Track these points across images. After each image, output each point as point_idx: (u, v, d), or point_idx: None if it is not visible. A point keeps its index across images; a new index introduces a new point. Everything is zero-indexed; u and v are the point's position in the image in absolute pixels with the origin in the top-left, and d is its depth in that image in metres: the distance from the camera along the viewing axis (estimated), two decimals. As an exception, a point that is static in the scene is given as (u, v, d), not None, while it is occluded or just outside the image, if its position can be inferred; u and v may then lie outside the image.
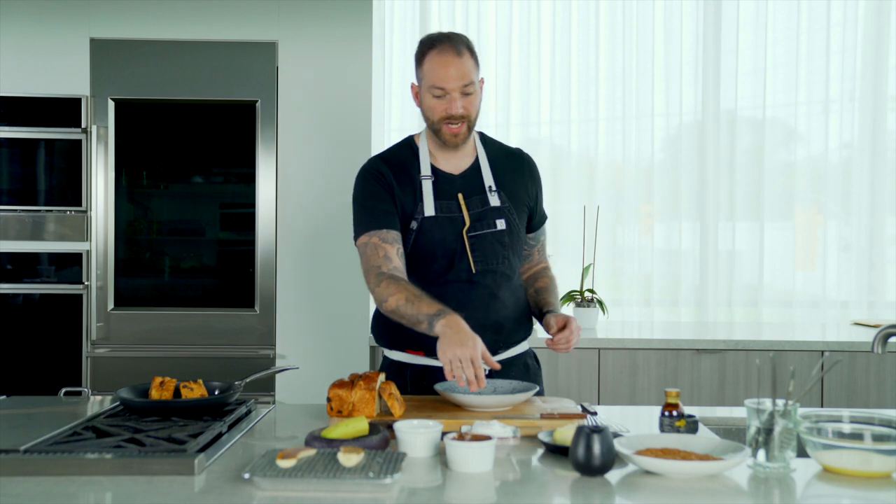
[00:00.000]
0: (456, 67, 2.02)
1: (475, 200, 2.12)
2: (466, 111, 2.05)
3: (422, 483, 1.49)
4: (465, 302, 2.06)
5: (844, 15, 4.23)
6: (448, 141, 2.08)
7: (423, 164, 2.13)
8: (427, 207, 2.08)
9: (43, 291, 3.55)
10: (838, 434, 1.63)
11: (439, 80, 2.03)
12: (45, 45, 3.54)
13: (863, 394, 3.48)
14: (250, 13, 3.58)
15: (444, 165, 2.15)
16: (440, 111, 2.05)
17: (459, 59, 2.03)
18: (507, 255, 2.13)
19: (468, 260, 2.08)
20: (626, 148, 4.29)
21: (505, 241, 2.12)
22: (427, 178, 2.11)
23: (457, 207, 2.10)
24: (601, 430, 1.51)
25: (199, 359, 3.52)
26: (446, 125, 2.06)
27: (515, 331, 2.17)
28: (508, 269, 2.14)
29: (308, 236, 3.59)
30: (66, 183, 3.55)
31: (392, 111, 4.29)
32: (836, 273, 4.29)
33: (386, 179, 2.12)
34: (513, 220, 2.14)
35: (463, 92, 2.03)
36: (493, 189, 2.13)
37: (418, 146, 2.17)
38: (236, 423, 1.87)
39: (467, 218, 2.09)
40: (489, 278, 2.10)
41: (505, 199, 2.14)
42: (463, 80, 2.03)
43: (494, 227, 2.10)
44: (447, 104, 2.04)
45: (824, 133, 4.27)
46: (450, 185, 2.12)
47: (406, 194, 2.10)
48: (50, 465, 1.50)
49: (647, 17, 4.27)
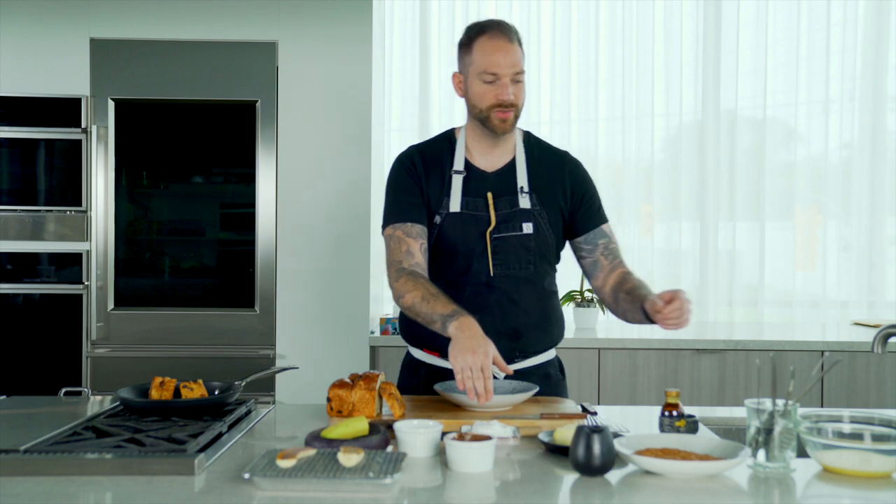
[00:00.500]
0: (508, 53, 1.98)
1: (504, 201, 2.06)
2: (517, 100, 2.01)
3: (422, 483, 1.49)
4: (483, 305, 2.02)
5: (844, 15, 4.23)
6: (497, 128, 2.01)
7: (457, 158, 2.08)
8: (453, 203, 2.04)
9: (43, 291, 3.55)
10: (838, 434, 1.63)
11: (491, 65, 1.98)
12: (45, 45, 3.54)
13: (863, 394, 3.48)
14: (250, 13, 3.58)
15: (480, 161, 2.09)
16: (490, 98, 2.00)
17: (511, 45, 1.99)
18: (533, 260, 2.05)
19: (488, 261, 2.03)
20: (625, 148, 4.29)
21: (530, 246, 2.05)
22: (458, 173, 2.06)
23: (484, 206, 2.05)
24: (601, 430, 1.51)
25: (199, 359, 3.52)
26: (497, 111, 2.00)
27: (537, 340, 2.10)
28: (533, 275, 2.06)
29: (308, 236, 3.59)
30: (66, 183, 3.55)
31: (392, 111, 4.29)
32: (837, 273, 4.29)
33: (416, 171, 2.08)
34: (542, 225, 2.06)
35: (514, 79, 1.99)
36: (524, 190, 2.06)
37: (456, 139, 2.12)
38: (236, 423, 1.87)
39: (493, 218, 2.04)
40: (509, 283, 2.04)
41: (536, 202, 2.06)
42: (514, 67, 1.99)
43: (520, 230, 2.04)
44: (498, 90, 1.99)
45: (824, 133, 4.27)
46: (481, 182, 2.07)
47: (435, 187, 2.07)
48: (50, 465, 1.50)
49: (647, 17, 4.27)
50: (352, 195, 3.58)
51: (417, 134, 4.26)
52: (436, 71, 4.29)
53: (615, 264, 2.10)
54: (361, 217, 3.60)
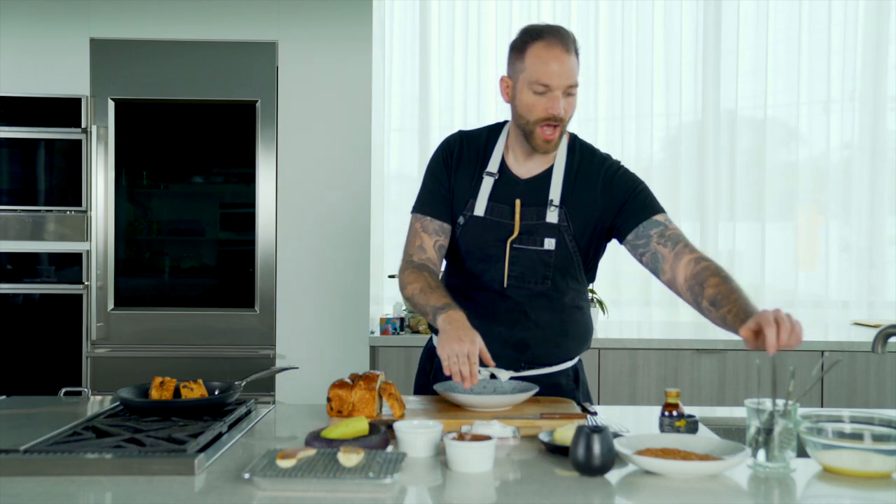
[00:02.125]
0: (563, 64, 1.86)
1: (531, 211, 1.98)
2: (567, 115, 1.91)
3: (422, 483, 1.49)
4: (493, 313, 2.00)
5: (845, 15, 4.23)
6: (539, 147, 1.92)
7: (493, 158, 2.02)
8: (478, 207, 1.99)
9: (43, 291, 3.55)
10: (838, 434, 1.63)
11: (545, 75, 1.86)
12: (45, 45, 3.54)
13: (863, 394, 3.48)
14: (250, 13, 3.58)
15: (515, 166, 2.01)
16: (540, 110, 1.89)
17: (568, 55, 1.87)
18: (551, 276, 1.98)
19: (504, 271, 1.98)
20: (625, 148, 4.29)
21: (549, 262, 1.98)
22: (490, 175, 2.00)
23: (509, 213, 1.98)
24: (601, 430, 1.51)
25: (199, 359, 3.52)
26: (543, 127, 1.90)
27: (546, 353, 2.05)
28: (550, 290, 2.00)
29: (308, 236, 3.59)
30: (66, 183, 3.55)
31: (392, 111, 4.29)
32: (837, 273, 4.29)
33: (452, 161, 2.03)
34: (567, 240, 1.98)
35: (567, 92, 1.88)
36: (554, 204, 1.96)
37: (499, 136, 2.05)
38: (236, 423, 1.87)
39: (517, 227, 1.97)
40: (522, 294, 2.00)
41: (564, 218, 1.97)
42: (569, 80, 1.87)
43: (541, 245, 1.97)
44: (549, 103, 1.88)
45: (825, 133, 4.27)
46: (511, 187, 1.99)
47: (465, 182, 2.02)
48: (50, 465, 1.50)
49: (646, 17, 4.27)
50: (352, 195, 3.58)
51: (417, 134, 4.26)
52: (436, 71, 4.29)
53: (679, 250, 1.90)
54: (361, 217, 3.60)
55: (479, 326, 1.84)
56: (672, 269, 1.90)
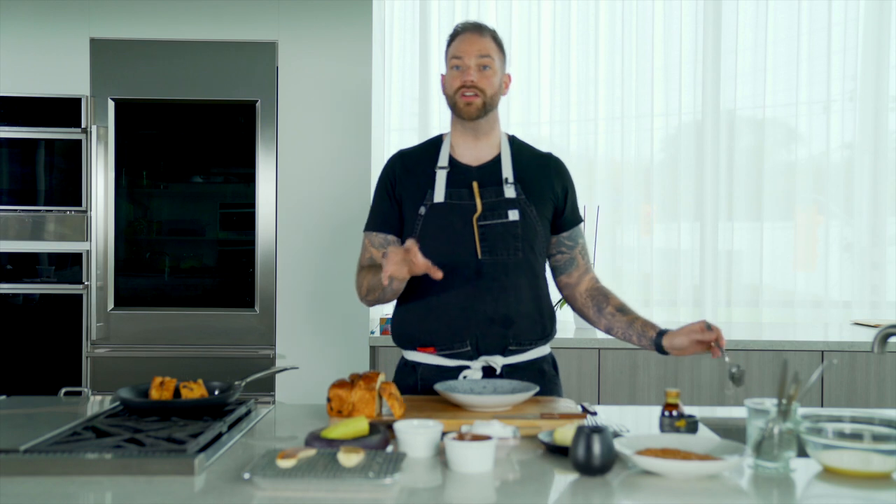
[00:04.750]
0: (474, 42, 2.10)
1: (490, 190, 2.12)
2: (481, 83, 2.09)
3: (422, 483, 1.49)
4: (473, 292, 2.07)
5: (845, 15, 4.22)
6: (462, 111, 2.10)
7: (441, 155, 2.17)
8: (437, 195, 2.11)
9: (43, 291, 3.55)
10: (838, 434, 1.63)
11: (458, 51, 2.11)
12: (45, 45, 3.54)
13: (863, 394, 3.48)
14: (250, 13, 3.58)
15: (464, 157, 2.17)
16: (457, 81, 2.10)
17: (480, 37, 2.11)
18: (521, 247, 2.10)
19: (476, 247, 2.08)
20: (625, 148, 4.29)
21: (517, 233, 2.09)
22: (442, 168, 2.14)
23: (468, 195, 2.11)
24: (601, 430, 1.51)
25: (199, 359, 3.52)
26: (461, 94, 2.09)
27: (530, 329, 2.12)
28: (523, 262, 2.10)
29: (308, 236, 3.59)
30: (66, 183, 3.55)
31: (392, 111, 4.29)
32: (837, 273, 4.29)
33: (392, 176, 2.19)
34: (529, 213, 2.11)
35: (479, 64, 2.09)
36: (509, 181, 2.12)
37: (443, 140, 2.22)
38: (236, 423, 1.87)
39: (479, 205, 2.09)
40: (498, 269, 2.08)
41: (521, 192, 2.12)
42: (480, 52, 2.09)
43: (506, 217, 2.09)
44: (462, 74, 2.09)
45: (825, 133, 4.27)
46: (465, 175, 2.14)
47: (418, 184, 2.15)
48: (50, 465, 1.50)
49: (646, 17, 4.27)
50: (352, 195, 3.58)
51: (417, 134, 4.26)
52: (436, 71, 4.29)
53: (588, 267, 2.25)
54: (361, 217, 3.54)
55: (463, 308, 2.05)
56: (579, 278, 2.23)
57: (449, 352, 2.10)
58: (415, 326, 2.12)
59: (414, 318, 2.13)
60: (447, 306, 2.08)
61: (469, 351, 2.09)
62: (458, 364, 2.10)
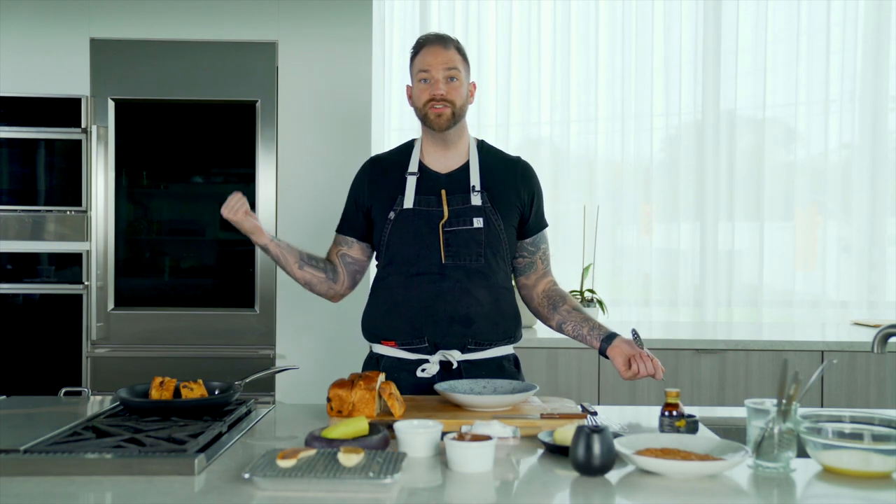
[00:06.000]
0: (439, 55, 2.18)
1: (457, 198, 2.19)
2: (450, 96, 2.16)
3: (422, 483, 1.49)
4: (436, 293, 2.15)
5: (844, 15, 4.22)
6: (434, 122, 2.17)
7: (412, 161, 2.25)
8: (406, 200, 2.19)
9: (43, 291, 3.55)
10: (838, 434, 1.63)
11: (425, 64, 2.19)
12: (45, 45, 3.54)
13: (863, 394, 3.48)
14: (250, 13, 3.58)
15: (434, 164, 2.24)
16: (426, 94, 2.18)
17: (445, 49, 2.19)
18: (484, 254, 2.17)
19: (440, 252, 2.15)
20: (625, 148, 4.29)
21: (481, 240, 2.17)
22: (412, 174, 2.22)
23: (437, 202, 2.18)
24: (601, 430, 1.51)
25: (199, 359, 3.52)
26: (431, 107, 2.17)
27: (489, 330, 2.18)
28: (485, 268, 2.17)
29: (308, 236, 3.58)
30: (66, 183, 3.55)
31: (392, 111, 4.29)
32: (836, 273, 4.29)
33: (363, 180, 2.28)
34: (493, 221, 2.18)
35: (447, 76, 2.17)
36: (476, 189, 2.20)
37: (414, 146, 2.30)
38: (236, 423, 1.87)
39: (446, 212, 2.17)
40: (461, 273, 2.16)
41: (487, 200, 2.19)
42: (447, 65, 2.17)
43: (471, 224, 2.17)
44: (430, 87, 2.17)
45: (824, 133, 4.27)
46: (434, 182, 2.21)
47: (389, 189, 2.22)
48: (50, 465, 1.50)
49: (646, 17, 4.27)
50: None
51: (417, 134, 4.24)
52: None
53: (547, 271, 2.32)
54: (361, 217, 3.59)
55: (425, 307, 2.13)
56: (537, 280, 2.30)
57: (409, 347, 2.18)
58: (380, 322, 2.21)
59: (379, 313, 2.22)
60: (410, 305, 2.16)
61: (427, 347, 2.16)
62: (418, 357, 2.17)
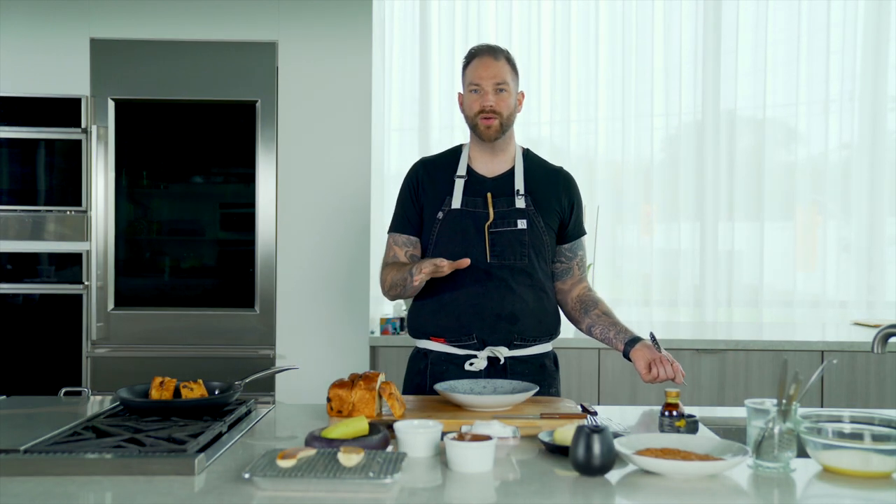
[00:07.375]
0: (490, 67, 2.25)
1: (502, 201, 2.27)
2: (498, 107, 2.24)
3: (422, 483, 1.49)
4: (482, 291, 2.22)
5: (844, 15, 4.23)
6: (483, 133, 2.26)
7: (461, 165, 2.33)
8: (455, 201, 2.27)
9: (43, 291, 3.55)
10: (838, 434, 1.63)
11: (476, 77, 2.25)
12: (45, 45, 3.54)
13: (863, 394, 3.49)
14: (250, 13, 3.58)
15: (481, 168, 2.32)
16: (476, 105, 2.25)
17: (496, 62, 2.26)
18: (527, 254, 2.25)
19: (486, 251, 2.22)
20: (625, 148, 4.29)
21: (525, 240, 2.25)
22: (461, 177, 2.30)
23: (483, 204, 2.27)
24: (601, 430, 1.51)
25: (199, 359, 3.52)
26: (481, 119, 2.25)
27: (533, 327, 2.25)
28: (529, 267, 2.25)
29: (308, 236, 3.59)
30: (66, 183, 3.55)
31: (392, 111, 4.29)
32: (836, 273, 4.29)
33: (415, 182, 2.34)
34: (536, 223, 2.26)
35: (496, 89, 2.24)
36: (520, 193, 2.28)
37: (462, 151, 2.38)
38: (236, 423, 1.87)
39: (492, 213, 2.25)
40: (506, 272, 2.23)
41: (530, 204, 2.28)
42: (496, 78, 2.24)
43: (515, 225, 2.25)
44: (480, 98, 2.24)
45: (824, 133, 4.27)
46: (480, 185, 2.29)
47: (439, 190, 2.30)
48: (50, 465, 1.51)
49: (646, 17, 4.27)
50: (352, 195, 3.58)
51: (417, 134, 4.26)
52: (436, 71, 4.29)
53: (582, 277, 2.40)
54: (361, 217, 3.60)
55: (472, 305, 2.20)
56: (573, 285, 2.38)
57: (458, 343, 2.23)
58: (428, 320, 2.27)
59: (428, 312, 2.27)
60: (458, 303, 2.22)
61: (476, 343, 2.22)
62: (466, 353, 2.23)
